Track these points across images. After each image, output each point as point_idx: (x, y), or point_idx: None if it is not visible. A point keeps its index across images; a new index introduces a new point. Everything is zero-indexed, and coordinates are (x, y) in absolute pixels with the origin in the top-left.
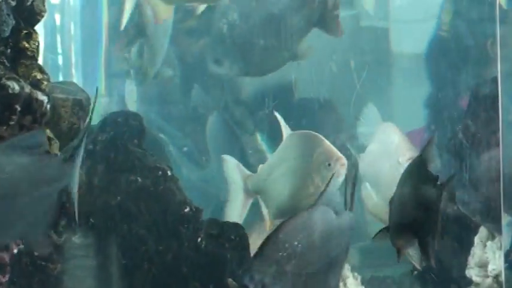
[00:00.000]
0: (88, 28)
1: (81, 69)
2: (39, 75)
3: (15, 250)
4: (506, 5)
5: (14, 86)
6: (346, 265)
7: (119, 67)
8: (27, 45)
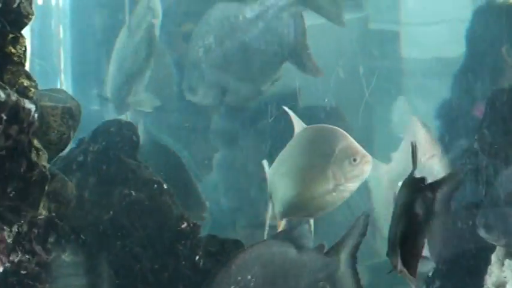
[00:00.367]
0: (78, 32)
1: (70, 75)
2: (26, 82)
3: (0, 269)
4: None
5: (0, 94)
6: None
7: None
8: (13, 50)
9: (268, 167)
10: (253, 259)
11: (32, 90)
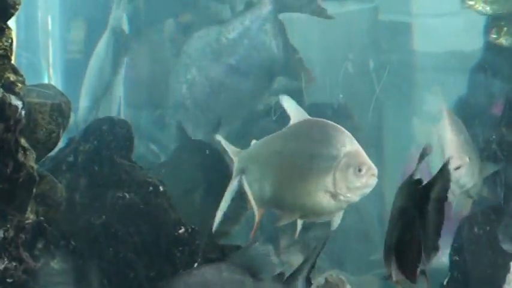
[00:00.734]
0: (68, 22)
1: (60, 69)
2: (12, 76)
3: None
4: None
5: None
6: None
7: None
8: None
9: (226, 142)
10: (195, 285)
11: (19, 85)
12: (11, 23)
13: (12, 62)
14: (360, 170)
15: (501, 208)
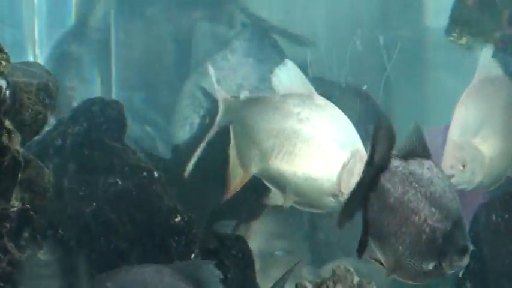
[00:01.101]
0: None
1: (47, 46)
2: None
3: None
4: None
5: None
6: None
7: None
8: None
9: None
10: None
11: (3, 63)
12: None
13: None
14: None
15: None
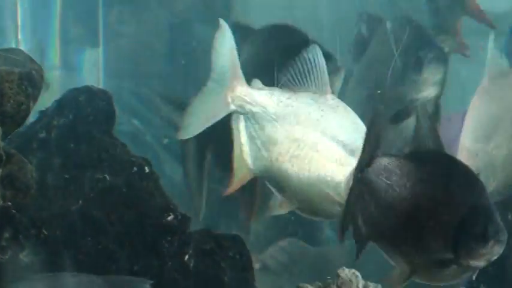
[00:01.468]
0: None
1: (30, 33)
2: None
3: None
4: None
5: None
6: None
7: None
8: None
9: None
10: None
11: None
12: None
13: None
14: None
15: None
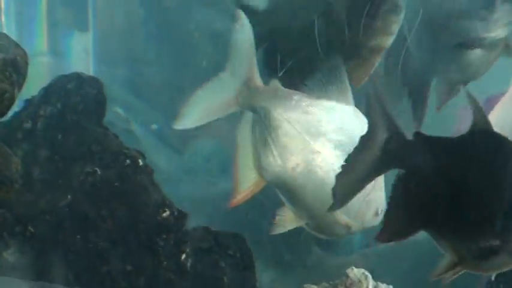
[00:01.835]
0: None
1: (14, 16)
2: None
3: None
4: None
5: None
6: None
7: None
8: None
9: None
10: None
11: None
12: None
13: None
14: (377, 214)
15: None
